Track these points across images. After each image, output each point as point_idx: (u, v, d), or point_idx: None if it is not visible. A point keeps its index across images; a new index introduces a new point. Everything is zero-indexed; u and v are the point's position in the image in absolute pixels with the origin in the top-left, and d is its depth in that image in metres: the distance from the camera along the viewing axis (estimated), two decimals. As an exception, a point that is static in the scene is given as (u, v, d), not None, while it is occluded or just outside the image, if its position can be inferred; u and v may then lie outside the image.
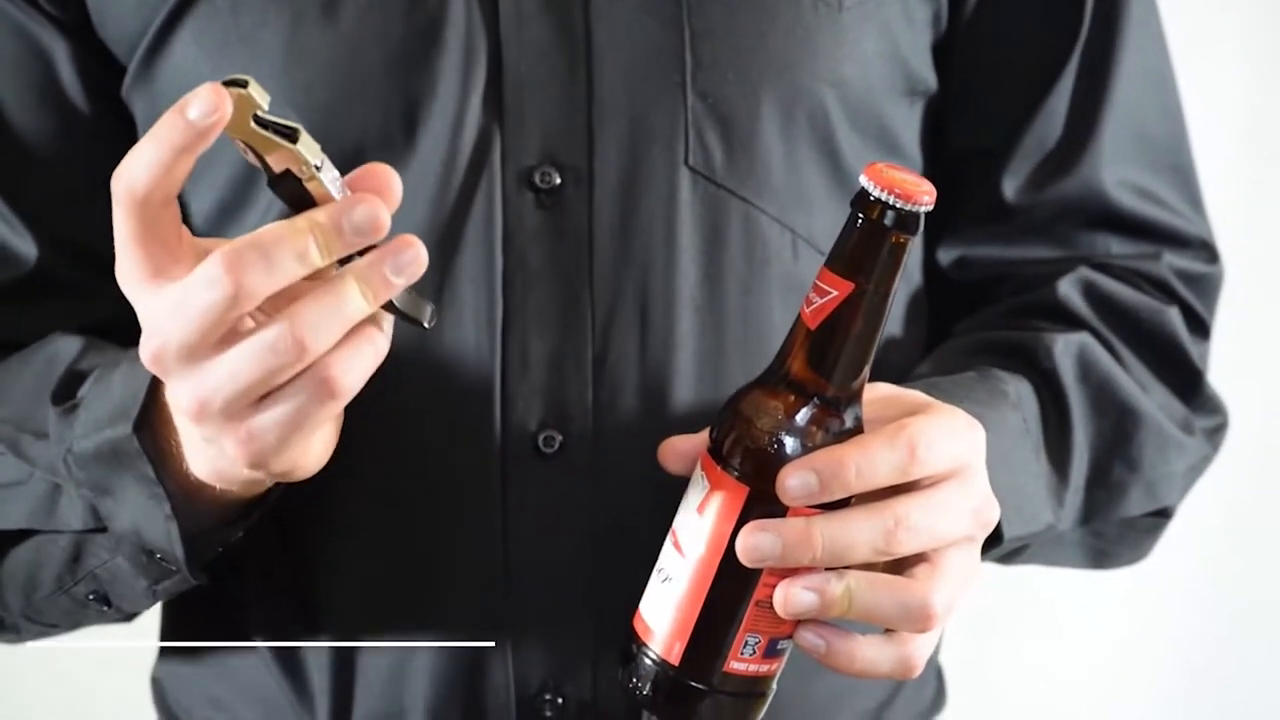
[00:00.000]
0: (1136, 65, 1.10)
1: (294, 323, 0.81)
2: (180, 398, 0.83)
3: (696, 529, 0.88)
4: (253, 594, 1.05)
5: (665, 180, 1.00)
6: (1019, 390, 1.02)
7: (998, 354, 1.05)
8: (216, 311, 0.80)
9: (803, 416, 0.87)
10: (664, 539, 0.91)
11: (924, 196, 0.84)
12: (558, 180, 0.99)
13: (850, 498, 0.87)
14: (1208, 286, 1.12)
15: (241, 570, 1.04)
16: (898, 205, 0.84)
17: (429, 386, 0.99)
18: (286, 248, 0.80)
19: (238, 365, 0.82)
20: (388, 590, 1.02)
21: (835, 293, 0.85)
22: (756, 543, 0.86)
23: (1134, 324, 1.08)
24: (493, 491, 1.00)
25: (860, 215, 0.85)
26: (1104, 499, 1.06)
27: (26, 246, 1.04)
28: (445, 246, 0.99)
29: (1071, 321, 1.07)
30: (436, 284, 0.99)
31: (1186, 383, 1.09)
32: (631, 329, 1.00)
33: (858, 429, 0.88)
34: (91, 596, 1.00)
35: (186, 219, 1.03)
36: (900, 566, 0.89)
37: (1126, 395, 1.05)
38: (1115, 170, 1.09)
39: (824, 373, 0.86)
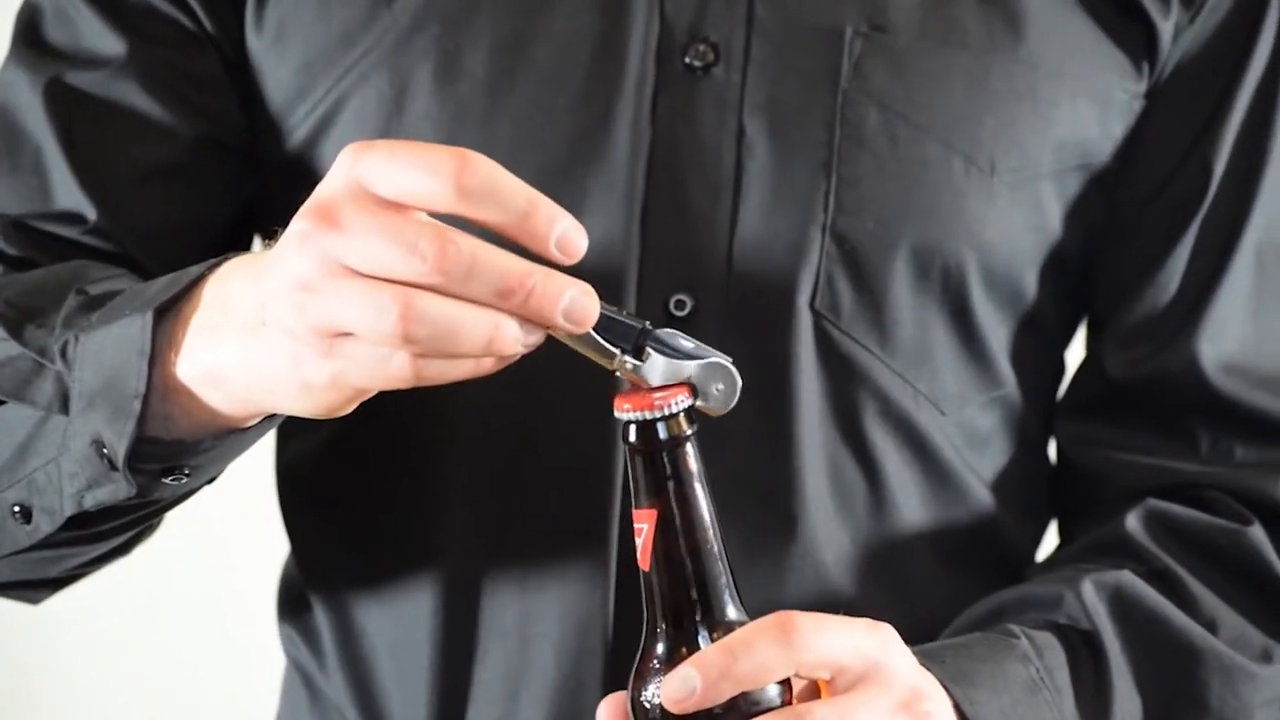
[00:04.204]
0: (1269, 237, 1.06)
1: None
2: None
3: None
4: None
5: (790, 319, 1.01)
6: (1039, 643, 0.98)
7: (1020, 611, 1.02)
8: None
9: (670, 654, 0.83)
10: None
11: (655, 400, 0.81)
12: (690, 308, 1.01)
13: None
14: None
15: None
16: (632, 418, 0.82)
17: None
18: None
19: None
20: None
21: (646, 525, 0.83)
22: None
23: (1209, 551, 1.04)
24: None
25: (624, 443, 0.83)
26: None
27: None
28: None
29: (1138, 558, 1.03)
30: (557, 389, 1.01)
31: (1277, 607, 1.04)
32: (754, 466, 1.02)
33: None
34: (16, 510, 0.95)
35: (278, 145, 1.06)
36: None
37: (1179, 630, 1.01)
38: (1220, 348, 1.05)
39: (677, 606, 0.83)
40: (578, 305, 0.79)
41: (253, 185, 1.08)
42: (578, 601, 1.02)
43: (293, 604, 1.12)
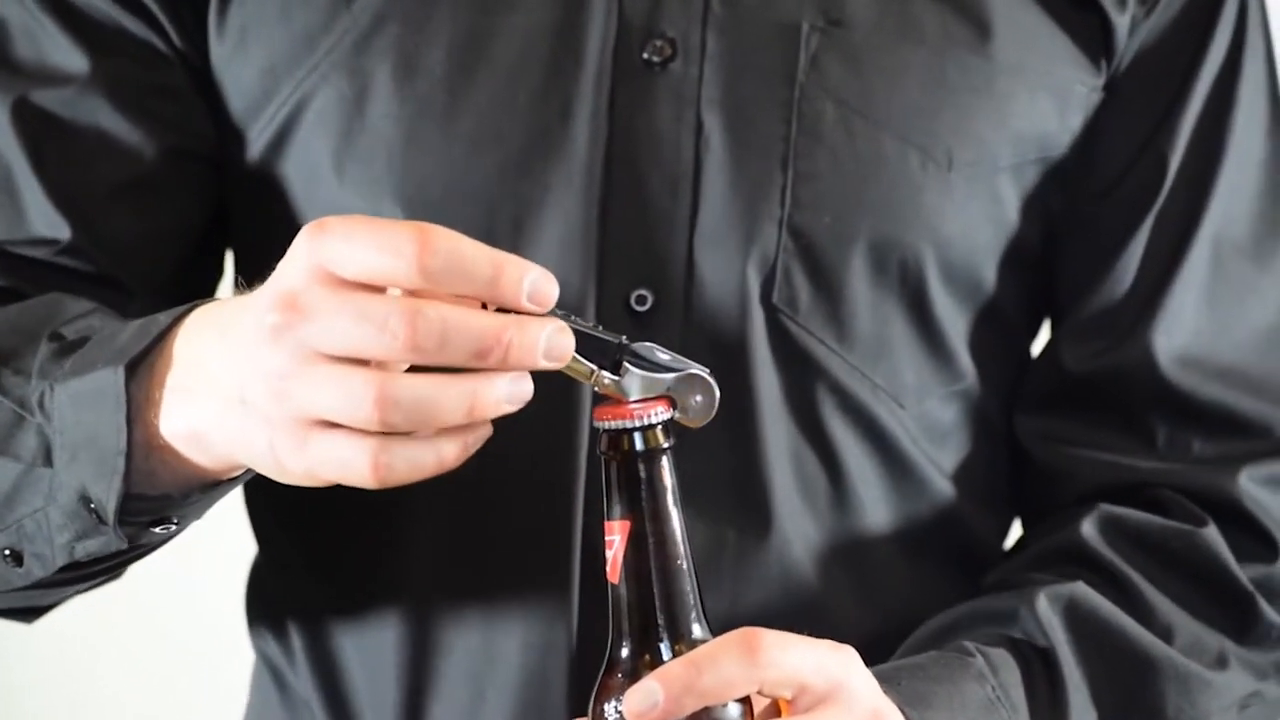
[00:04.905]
0: (1226, 230, 1.06)
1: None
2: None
3: None
4: None
5: (747, 313, 1.01)
6: (994, 660, 0.98)
7: (975, 626, 1.02)
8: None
9: (634, 668, 0.83)
10: None
11: (634, 410, 0.82)
12: (650, 303, 1.01)
13: None
14: None
15: None
16: (610, 427, 0.82)
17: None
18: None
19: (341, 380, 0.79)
20: None
21: (617, 538, 0.83)
22: None
23: (1163, 555, 1.04)
24: None
25: (600, 454, 0.84)
26: None
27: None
28: None
29: (1093, 565, 1.04)
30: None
31: (1233, 608, 1.04)
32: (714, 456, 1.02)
33: None
34: (7, 553, 0.95)
35: (242, 150, 1.05)
36: None
37: (1134, 641, 1.01)
38: (1175, 341, 1.06)
39: (644, 621, 0.83)
40: (555, 344, 0.80)
41: (222, 192, 1.08)
42: (541, 622, 1.02)
43: (262, 601, 1.13)
